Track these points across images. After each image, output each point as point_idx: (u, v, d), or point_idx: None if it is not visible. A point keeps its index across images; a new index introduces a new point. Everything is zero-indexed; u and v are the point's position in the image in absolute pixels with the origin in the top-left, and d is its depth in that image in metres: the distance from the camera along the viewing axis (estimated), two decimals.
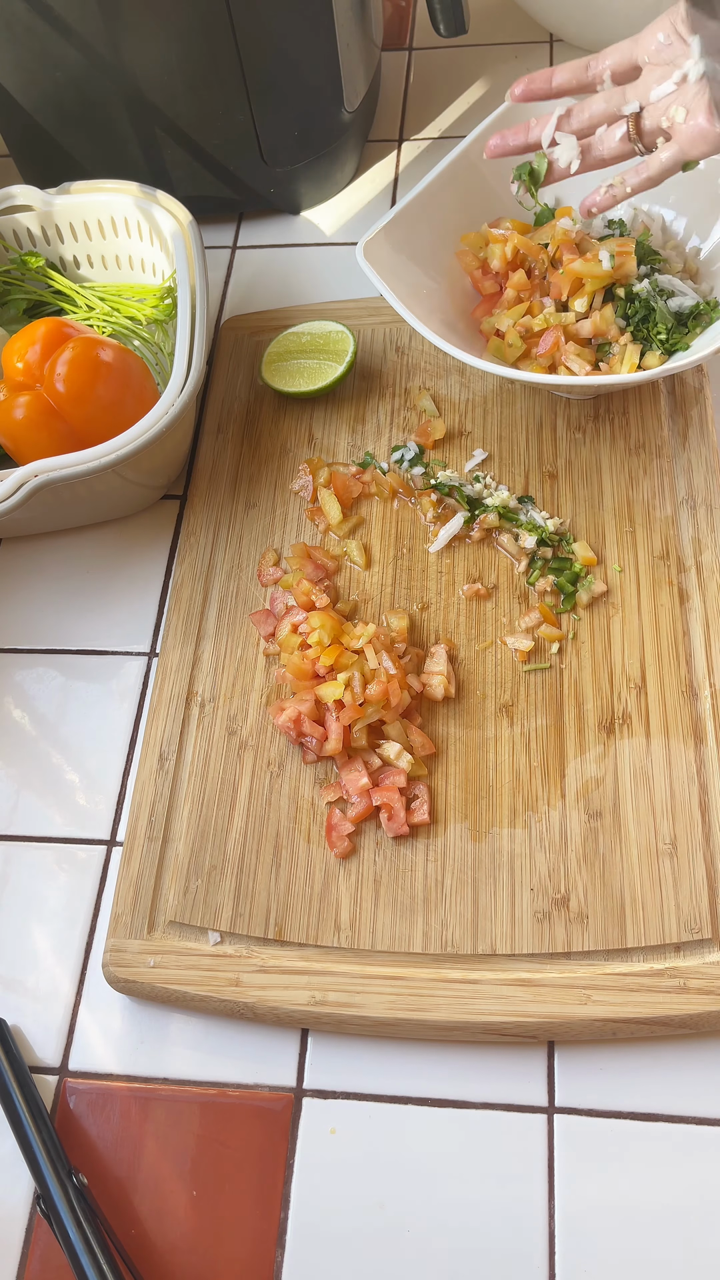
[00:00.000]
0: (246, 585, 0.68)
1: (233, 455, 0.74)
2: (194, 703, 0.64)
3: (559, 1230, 0.50)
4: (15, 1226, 0.53)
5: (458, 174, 0.72)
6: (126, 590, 0.71)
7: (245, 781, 0.61)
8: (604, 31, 0.88)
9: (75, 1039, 0.57)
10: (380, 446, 0.72)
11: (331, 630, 0.61)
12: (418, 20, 1.00)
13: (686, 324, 0.67)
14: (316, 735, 0.59)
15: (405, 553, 0.67)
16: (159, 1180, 0.53)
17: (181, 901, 0.57)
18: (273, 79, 0.76)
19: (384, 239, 0.69)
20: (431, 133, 0.91)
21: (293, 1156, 0.53)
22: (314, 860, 0.58)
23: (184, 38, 0.73)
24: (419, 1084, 0.53)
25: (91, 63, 0.74)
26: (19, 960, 0.59)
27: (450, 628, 0.64)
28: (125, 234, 0.76)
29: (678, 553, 0.65)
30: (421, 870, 0.57)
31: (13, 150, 0.86)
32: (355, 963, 0.55)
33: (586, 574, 0.64)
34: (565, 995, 0.52)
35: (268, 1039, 0.55)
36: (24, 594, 0.72)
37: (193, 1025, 0.56)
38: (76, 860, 0.62)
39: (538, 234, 0.71)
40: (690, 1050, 0.53)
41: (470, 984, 0.53)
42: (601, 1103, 0.52)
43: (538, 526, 0.66)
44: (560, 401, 0.72)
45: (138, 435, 0.62)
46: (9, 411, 0.65)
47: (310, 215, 0.88)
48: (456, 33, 0.77)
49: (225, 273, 0.86)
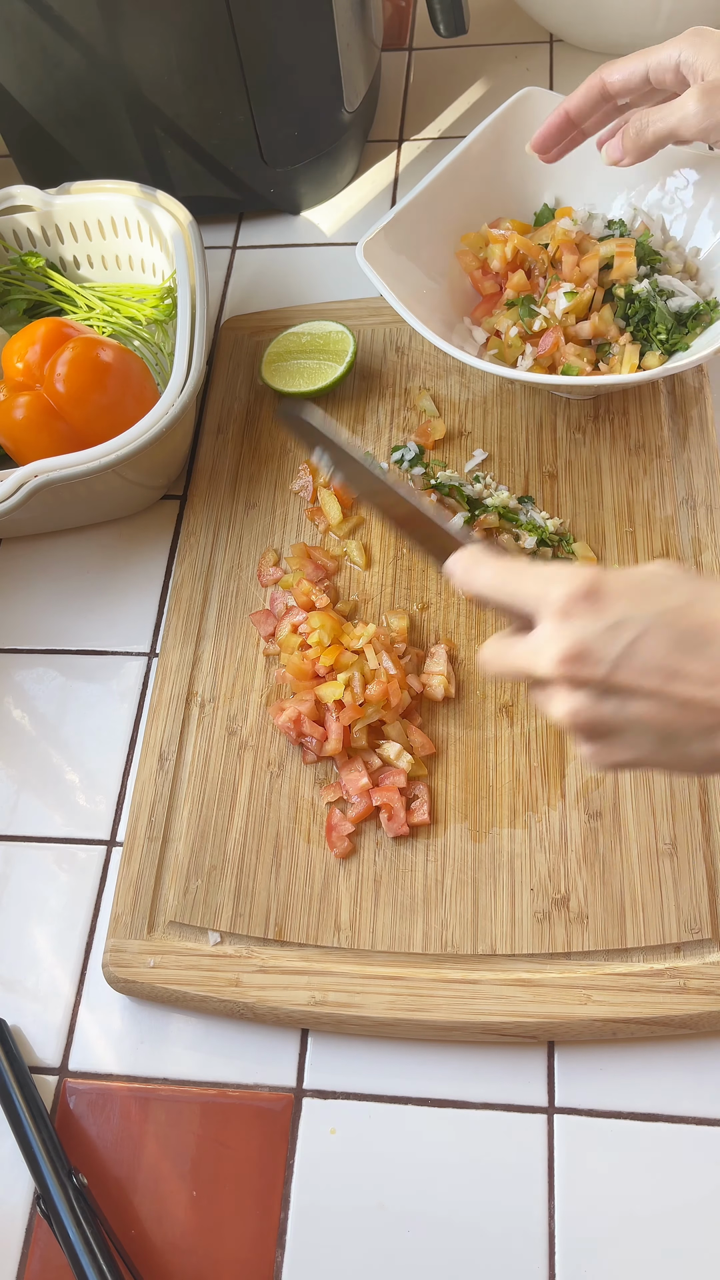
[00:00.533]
0: (246, 585, 0.68)
1: (233, 455, 0.74)
2: (194, 703, 0.64)
3: (559, 1230, 0.50)
4: (15, 1226, 0.53)
5: (458, 174, 0.72)
6: (126, 590, 0.71)
7: (245, 781, 0.61)
8: (604, 31, 0.89)
9: (75, 1039, 0.57)
10: (380, 446, 0.72)
11: (331, 630, 0.61)
12: (418, 20, 1.00)
13: (686, 324, 0.67)
14: (316, 735, 0.59)
15: (405, 553, 0.67)
16: (159, 1180, 0.53)
17: (181, 902, 0.57)
18: (273, 79, 0.76)
19: (384, 239, 0.69)
20: (431, 133, 0.91)
21: (293, 1156, 0.53)
22: (314, 860, 0.58)
23: (184, 38, 0.72)
24: (419, 1084, 0.53)
25: (91, 63, 0.74)
26: (19, 960, 0.59)
27: (450, 628, 0.64)
28: (125, 234, 0.76)
29: (678, 553, 0.65)
30: (421, 870, 0.57)
31: (13, 150, 0.86)
32: (355, 963, 0.55)
33: None
34: (565, 995, 0.52)
35: (268, 1039, 0.55)
36: (24, 594, 0.72)
37: (193, 1025, 0.56)
38: (76, 860, 0.62)
39: (538, 234, 0.72)
40: (690, 1050, 0.53)
41: (470, 984, 0.53)
42: (601, 1103, 0.52)
43: (538, 527, 0.66)
44: (560, 401, 0.72)
45: (138, 435, 0.62)
46: (9, 411, 0.65)
47: (310, 215, 0.88)
48: (456, 33, 0.77)
49: (225, 273, 0.86)
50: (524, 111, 0.73)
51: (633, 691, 0.40)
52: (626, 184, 0.72)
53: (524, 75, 0.93)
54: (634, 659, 0.40)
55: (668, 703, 0.40)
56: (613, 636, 0.40)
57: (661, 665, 0.40)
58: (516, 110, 0.73)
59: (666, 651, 0.40)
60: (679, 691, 0.40)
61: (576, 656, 0.40)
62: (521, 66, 0.94)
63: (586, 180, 0.73)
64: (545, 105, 0.72)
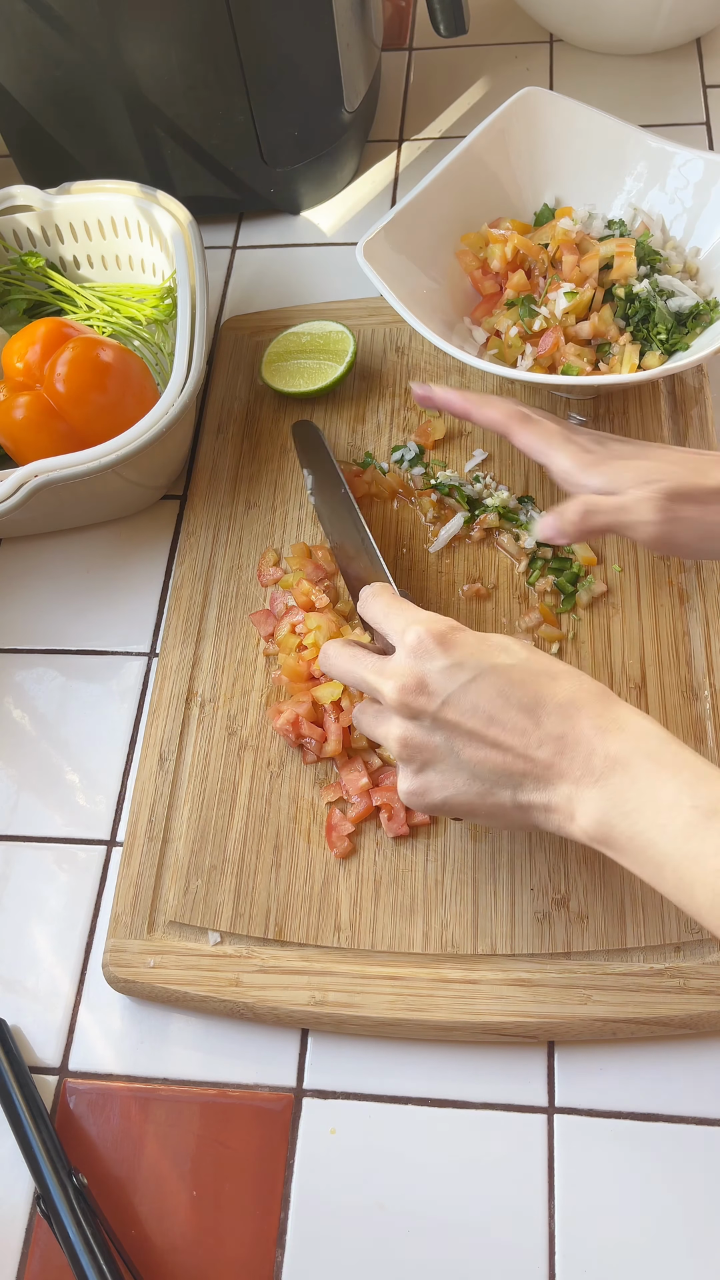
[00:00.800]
0: (246, 585, 0.68)
1: (233, 455, 0.74)
2: (194, 703, 0.64)
3: (559, 1230, 0.50)
4: (15, 1226, 0.53)
5: (458, 174, 0.72)
6: (126, 590, 0.71)
7: (245, 781, 0.61)
8: (604, 31, 0.89)
9: (75, 1039, 0.57)
10: (380, 446, 0.72)
11: (329, 631, 0.61)
12: (418, 20, 1.00)
13: (686, 324, 0.67)
14: (316, 736, 0.59)
15: (405, 553, 0.67)
16: (159, 1180, 0.53)
17: (181, 901, 0.57)
18: (273, 79, 0.76)
19: (384, 239, 0.69)
20: (431, 133, 0.91)
21: (293, 1156, 0.53)
22: (314, 860, 0.58)
23: (184, 38, 0.72)
24: (419, 1084, 0.53)
25: (91, 63, 0.74)
26: (19, 960, 0.59)
27: None
28: (125, 234, 0.76)
29: None
30: (421, 870, 0.57)
31: (13, 150, 0.86)
32: (355, 963, 0.55)
33: (586, 574, 0.64)
34: (565, 995, 0.52)
35: (268, 1039, 0.55)
36: (24, 594, 0.72)
37: (193, 1025, 0.56)
38: (76, 860, 0.62)
39: (538, 234, 0.72)
40: (690, 1050, 0.53)
41: (470, 984, 0.53)
42: (601, 1103, 0.52)
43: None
44: (560, 401, 0.72)
45: (138, 435, 0.62)
46: (9, 411, 0.65)
47: (310, 215, 0.88)
48: (456, 33, 0.77)
49: (225, 273, 0.86)
50: (524, 111, 0.73)
51: (456, 727, 0.46)
52: (626, 184, 0.72)
53: (524, 75, 0.93)
54: (463, 698, 0.46)
55: (484, 743, 0.46)
56: (450, 676, 0.46)
57: (486, 709, 0.46)
58: (516, 110, 0.73)
59: (492, 698, 0.46)
60: (496, 735, 0.45)
61: (417, 687, 0.47)
62: (521, 66, 0.94)
63: (586, 180, 0.73)
64: (545, 105, 0.72)
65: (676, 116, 0.88)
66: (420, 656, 0.47)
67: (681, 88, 0.90)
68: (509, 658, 0.47)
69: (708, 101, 0.89)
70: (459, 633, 0.48)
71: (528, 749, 0.45)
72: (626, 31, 0.88)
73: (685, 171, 0.70)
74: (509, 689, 0.45)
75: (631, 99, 0.89)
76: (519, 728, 0.45)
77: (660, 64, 0.91)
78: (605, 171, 0.73)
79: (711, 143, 0.86)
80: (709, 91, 0.89)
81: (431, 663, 0.46)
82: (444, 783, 0.47)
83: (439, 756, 0.47)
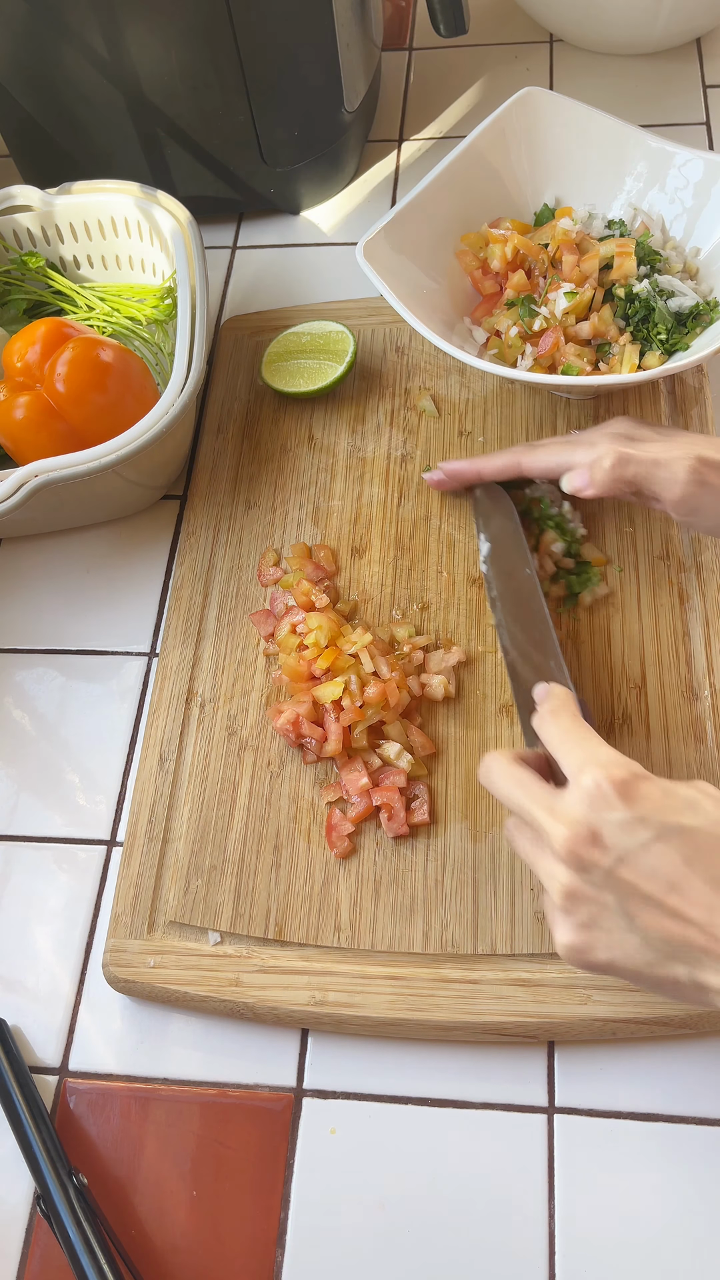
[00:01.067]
0: (246, 585, 0.68)
1: (233, 455, 0.74)
2: (194, 703, 0.64)
3: (559, 1230, 0.50)
4: (15, 1226, 0.53)
5: (458, 174, 0.72)
6: (126, 590, 0.71)
7: (245, 781, 0.61)
8: (604, 31, 0.89)
9: (75, 1039, 0.57)
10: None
11: (329, 631, 0.61)
12: (418, 20, 1.00)
13: (686, 324, 0.67)
14: (316, 736, 0.59)
15: (405, 552, 0.67)
16: (159, 1180, 0.53)
17: (181, 901, 0.57)
18: (273, 79, 0.76)
19: (384, 239, 0.69)
20: (431, 133, 0.91)
21: (293, 1156, 0.53)
22: (314, 860, 0.58)
23: (184, 38, 0.73)
24: (419, 1084, 0.53)
25: (91, 62, 0.74)
26: (19, 960, 0.59)
27: (450, 628, 0.64)
28: (125, 234, 0.76)
29: (678, 553, 0.65)
30: (421, 870, 0.57)
31: (13, 150, 0.86)
32: (355, 963, 0.55)
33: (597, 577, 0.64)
34: (565, 995, 0.52)
35: (268, 1039, 0.55)
36: (24, 594, 0.72)
37: (193, 1025, 0.56)
38: (76, 860, 0.62)
39: (538, 234, 0.72)
40: (690, 1050, 0.53)
41: (470, 984, 0.53)
42: (601, 1103, 0.52)
43: (567, 527, 0.65)
44: (560, 401, 0.72)
45: (138, 435, 0.62)
46: (9, 411, 0.65)
47: (310, 215, 0.88)
48: (456, 33, 0.77)
49: (225, 273, 0.86)
50: (524, 111, 0.73)
51: (633, 889, 0.42)
52: (626, 184, 0.72)
53: (524, 75, 0.93)
54: (643, 860, 0.41)
55: (663, 911, 0.41)
56: (629, 832, 0.42)
57: (668, 875, 0.41)
58: (516, 110, 0.73)
59: (676, 865, 0.41)
60: (676, 905, 0.41)
61: (590, 838, 0.42)
62: (521, 66, 0.94)
63: (586, 180, 0.73)
64: (545, 105, 0.72)
65: (676, 116, 0.88)
66: (597, 805, 0.42)
67: (681, 88, 0.90)
68: (697, 818, 0.42)
69: (708, 101, 0.89)
70: (643, 782, 0.43)
71: (713, 925, 0.40)
72: (626, 31, 0.88)
73: (685, 171, 0.70)
74: (696, 856, 0.41)
75: (631, 99, 0.89)
76: (706, 903, 0.41)
77: (660, 64, 0.91)
78: (605, 171, 0.73)
79: (711, 143, 0.87)
80: (709, 91, 0.89)
81: (610, 814, 0.42)
82: (610, 943, 0.43)
83: (607, 915, 0.43)
